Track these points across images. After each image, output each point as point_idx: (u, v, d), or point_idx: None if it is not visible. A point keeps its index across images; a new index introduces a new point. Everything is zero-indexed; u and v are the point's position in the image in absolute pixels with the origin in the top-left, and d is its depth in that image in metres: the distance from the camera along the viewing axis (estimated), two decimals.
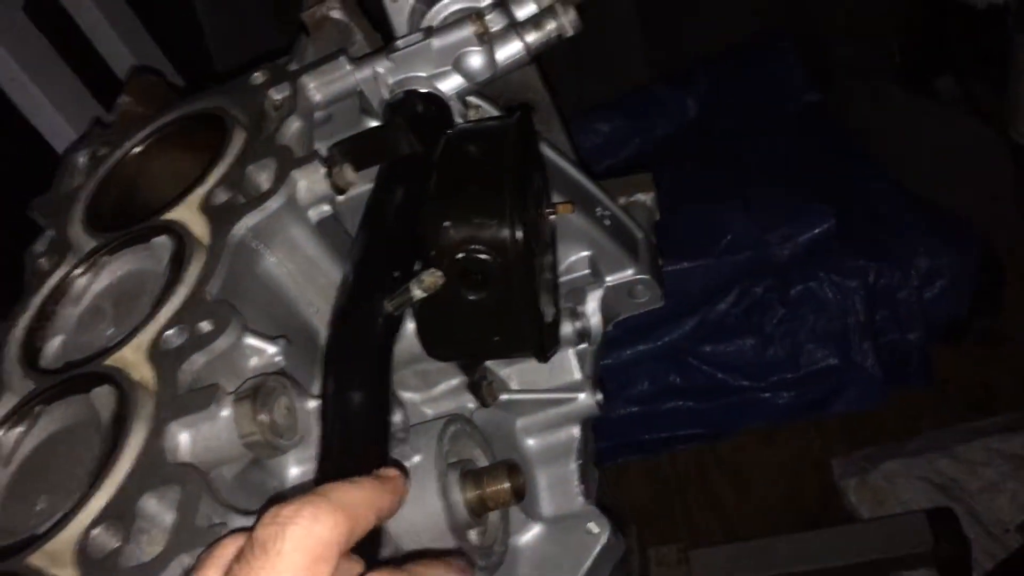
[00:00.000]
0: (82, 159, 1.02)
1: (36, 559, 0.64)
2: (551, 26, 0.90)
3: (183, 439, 0.67)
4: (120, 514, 0.63)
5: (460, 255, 0.77)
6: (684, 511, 2.45)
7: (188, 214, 0.85)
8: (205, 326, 0.72)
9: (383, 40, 1.06)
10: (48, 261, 0.91)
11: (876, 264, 2.27)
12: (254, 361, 0.74)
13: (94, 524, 0.63)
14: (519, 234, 0.77)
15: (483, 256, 0.77)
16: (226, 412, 0.67)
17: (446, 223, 0.77)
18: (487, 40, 0.90)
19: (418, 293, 0.74)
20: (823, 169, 2.39)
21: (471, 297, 0.79)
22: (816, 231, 2.26)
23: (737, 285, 2.28)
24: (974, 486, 2.23)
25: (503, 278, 0.78)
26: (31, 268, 0.91)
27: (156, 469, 0.65)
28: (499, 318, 0.81)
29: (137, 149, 0.98)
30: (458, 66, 0.90)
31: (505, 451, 1.00)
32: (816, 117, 2.55)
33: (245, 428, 0.66)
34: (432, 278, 0.74)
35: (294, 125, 0.89)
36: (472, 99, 0.95)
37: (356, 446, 0.69)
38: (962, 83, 2.67)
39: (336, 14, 1.02)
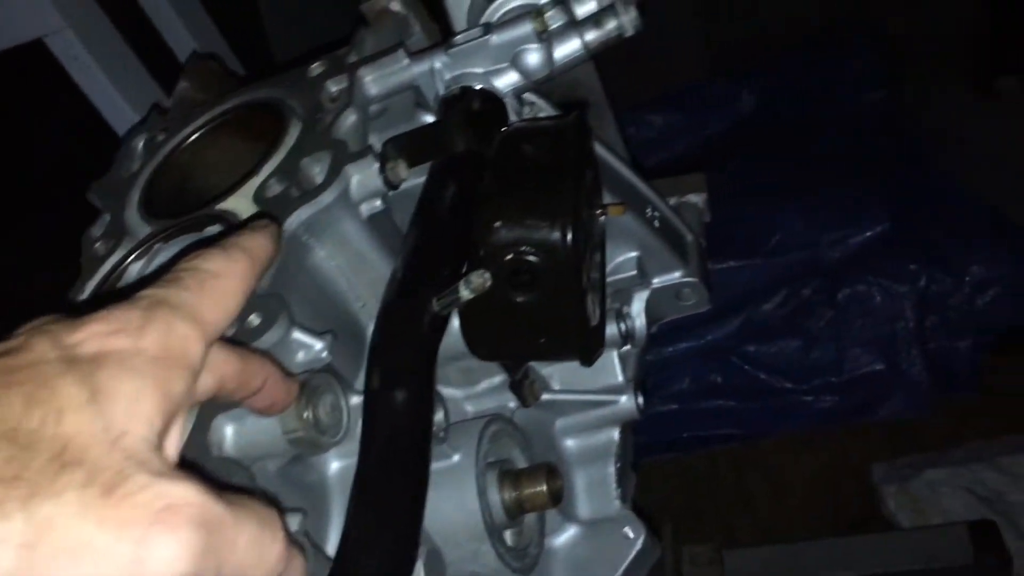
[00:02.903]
0: (140, 144, 1.04)
1: None
2: (611, 25, 0.88)
3: (228, 432, 0.67)
4: None
5: (509, 256, 0.77)
6: (719, 511, 2.42)
7: (242, 204, 0.85)
8: (254, 319, 0.72)
9: (441, 34, 1.06)
10: (104, 245, 0.92)
11: (928, 269, 2.22)
12: (300, 356, 0.74)
13: None
14: (569, 237, 0.76)
15: (532, 258, 0.77)
16: None
17: (497, 223, 0.77)
18: (546, 38, 0.89)
19: (466, 294, 0.74)
20: (883, 170, 2.34)
21: (518, 299, 0.79)
22: (868, 234, 2.22)
23: (785, 286, 2.25)
24: (1018, 499, 2.19)
25: (551, 280, 0.78)
26: (88, 252, 0.92)
27: (202, 460, 0.65)
28: (545, 321, 0.80)
29: (193, 136, 0.99)
30: (516, 63, 0.90)
31: (544, 450, 1.00)
32: (878, 116, 2.49)
33: (289, 425, 0.66)
34: (480, 279, 0.73)
35: (350, 118, 0.89)
36: (527, 96, 0.95)
37: (398, 444, 0.69)
38: None
39: (396, 6, 1.02)
